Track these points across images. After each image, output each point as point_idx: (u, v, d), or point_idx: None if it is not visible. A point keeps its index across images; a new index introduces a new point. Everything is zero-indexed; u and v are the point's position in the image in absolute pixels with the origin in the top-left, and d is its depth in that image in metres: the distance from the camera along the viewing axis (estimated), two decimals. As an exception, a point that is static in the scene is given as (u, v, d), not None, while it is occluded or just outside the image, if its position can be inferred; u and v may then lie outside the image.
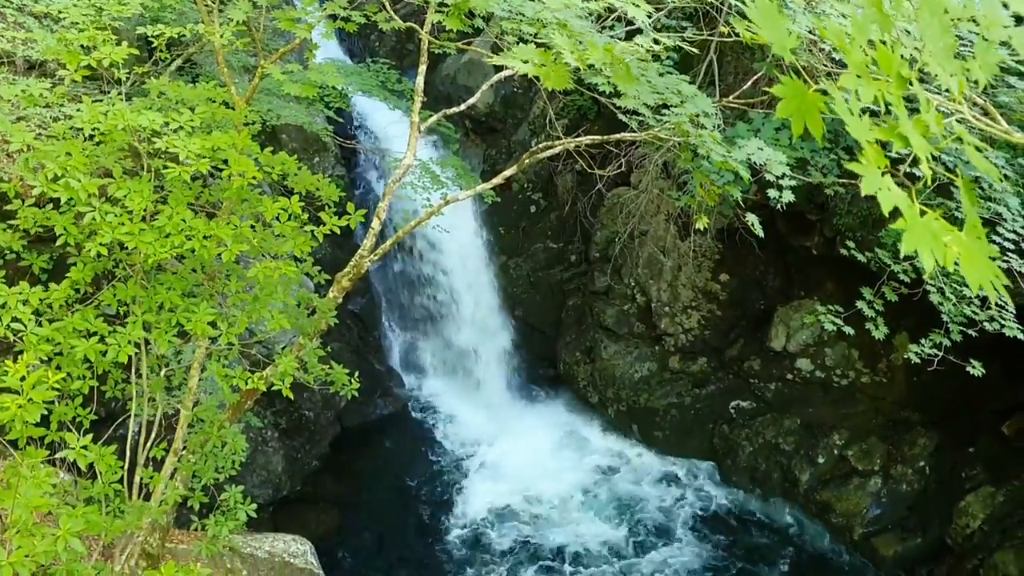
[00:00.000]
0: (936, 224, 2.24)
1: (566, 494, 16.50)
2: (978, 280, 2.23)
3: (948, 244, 2.22)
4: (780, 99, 2.41)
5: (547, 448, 17.45)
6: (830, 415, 16.71)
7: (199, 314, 6.13)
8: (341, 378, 7.45)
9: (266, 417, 15.18)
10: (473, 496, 16.39)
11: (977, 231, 2.30)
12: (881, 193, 2.26)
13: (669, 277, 17.78)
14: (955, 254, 2.21)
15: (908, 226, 2.24)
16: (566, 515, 16.06)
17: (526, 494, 16.42)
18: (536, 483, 16.63)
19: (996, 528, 14.31)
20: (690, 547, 15.45)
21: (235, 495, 7.14)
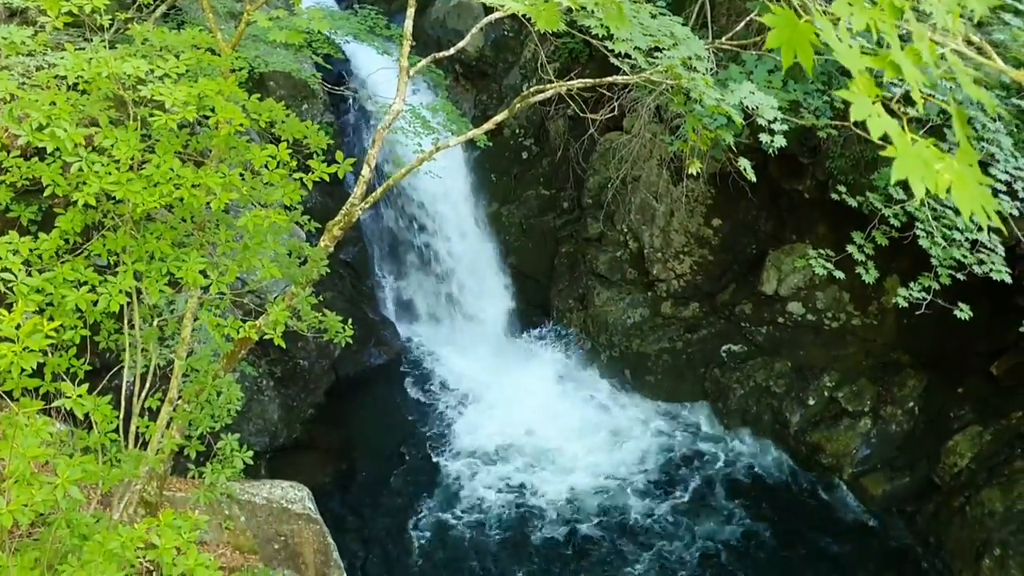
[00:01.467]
0: (927, 151, 2.21)
1: (560, 437, 16.67)
2: (970, 206, 2.21)
3: (939, 171, 2.18)
4: (772, 35, 2.37)
5: (540, 394, 17.57)
6: (821, 357, 16.85)
7: (190, 263, 6.11)
8: (335, 326, 7.47)
9: (261, 366, 15.24)
10: (468, 440, 16.54)
11: (969, 158, 2.27)
12: (871, 120, 2.23)
13: (661, 223, 17.77)
14: (947, 181, 2.18)
15: (899, 153, 2.20)
16: (560, 457, 16.25)
17: (520, 439, 16.58)
18: (530, 428, 16.78)
19: (983, 467, 14.54)
20: (681, 488, 15.66)
21: (231, 443, 7.19)
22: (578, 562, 14.13)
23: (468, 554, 14.20)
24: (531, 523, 14.84)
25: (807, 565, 14.19)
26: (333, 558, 11.06)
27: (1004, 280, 9.38)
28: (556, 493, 15.49)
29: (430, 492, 15.39)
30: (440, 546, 14.30)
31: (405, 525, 14.65)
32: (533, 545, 14.42)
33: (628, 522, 14.93)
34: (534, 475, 15.87)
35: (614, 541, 14.55)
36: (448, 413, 17.21)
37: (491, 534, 14.61)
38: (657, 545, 14.51)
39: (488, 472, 15.85)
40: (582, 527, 14.78)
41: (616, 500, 15.38)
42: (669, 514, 15.13)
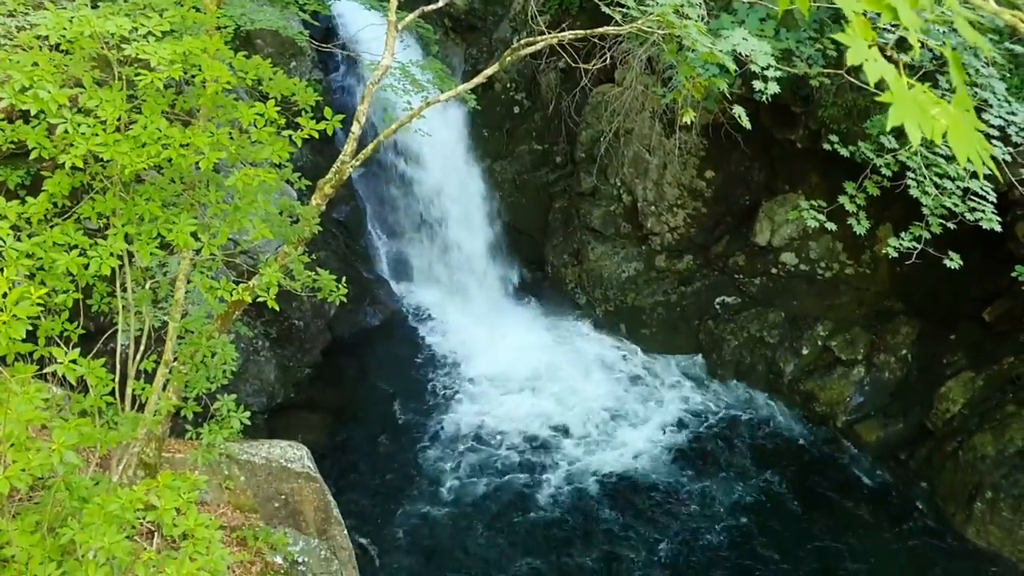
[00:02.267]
0: (923, 97, 2.18)
1: (556, 391, 16.77)
2: (966, 152, 2.19)
3: (935, 117, 2.16)
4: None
5: (536, 349, 17.64)
6: (814, 307, 16.91)
7: (180, 225, 6.06)
8: (329, 284, 7.44)
9: (256, 327, 15.23)
10: (466, 395, 16.63)
11: (965, 103, 2.24)
12: (868, 64, 2.20)
13: (655, 176, 17.69)
14: (943, 127, 2.15)
15: (895, 98, 2.18)
16: (556, 410, 16.36)
17: (518, 391, 16.68)
18: (527, 381, 16.88)
19: (975, 412, 14.67)
20: (675, 437, 15.80)
21: (228, 403, 7.21)
22: (584, 515, 14.27)
23: (468, 506, 14.34)
24: (529, 476, 14.97)
25: (801, 511, 14.36)
26: (333, 515, 11.15)
27: (994, 229, 9.38)
28: (555, 446, 15.61)
29: (429, 448, 15.50)
30: (440, 499, 14.43)
31: (404, 481, 14.77)
32: (531, 497, 14.56)
33: (622, 472, 15.07)
34: (531, 430, 15.97)
35: (614, 494, 14.70)
36: (445, 370, 17.28)
37: (490, 485, 14.73)
38: (652, 491, 14.66)
39: (487, 427, 15.95)
40: (583, 477, 14.91)
41: (613, 452, 15.51)
42: (663, 463, 15.27)
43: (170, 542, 7.75)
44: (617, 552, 13.60)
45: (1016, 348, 14.03)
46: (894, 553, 13.69)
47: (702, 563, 13.47)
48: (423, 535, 13.79)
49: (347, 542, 11.03)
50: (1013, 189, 11.33)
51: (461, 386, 16.88)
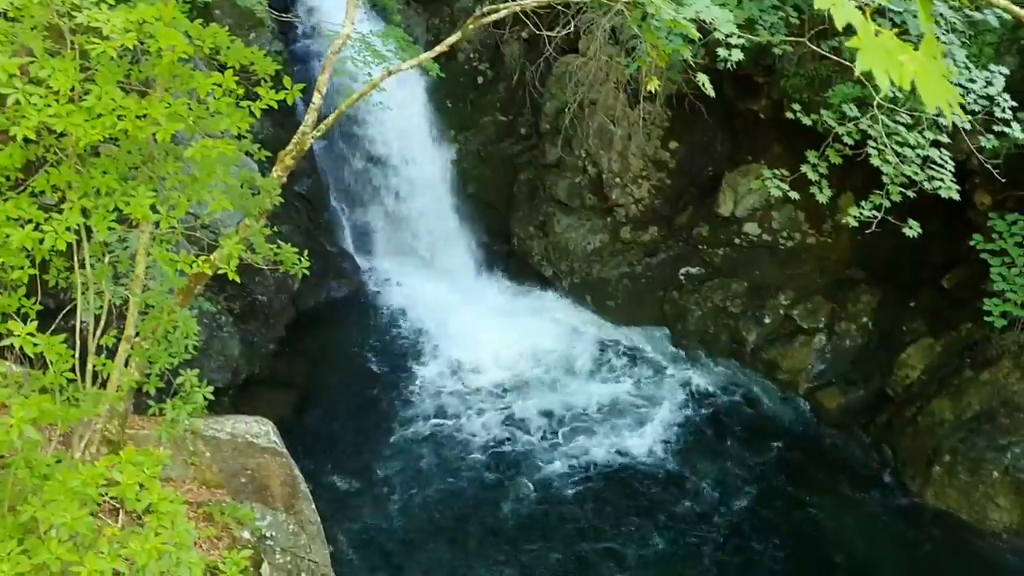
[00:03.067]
0: (891, 43, 2.16)
1: (522, 362, 16.82)
2: (934, 99, 2.17)
3: (904, 63, 2.14)
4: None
5: (502, 321, 17.64)
6: (776, 276, 17.09)
7: (138, 198, 5.95)
8: (290, 257, 7.35)
9: (219, 302, 15.08)
10: (432, 369, 16.62)
11: (933, 50, 2.22)
12: (836, 8, 2.18)
13: (619, 147, 17.69)
14: (911, 73, 2.13)
15: (862, 45, 2.15)
16: (525, 381, 16.43)
17: (484, 365, 16.69)
18: (493, 355, 16.88)
19: (934, 377, 14.95)
20: (642, 407, 15.93)
21: (191, 378, 7.13)
22: (549, 485, 14.37)
23: (435, 479, 14.38)
24: (498, 445, 15.03)
25: (763, 478, 14.58)
26: (300, 489, 11.12)
27: (952, 197, 9.51)
28: (523, 416, 15.68)
29: (395, 421, 15.49)
30: (409, 473, 14.45)
31: (371, 455, 14.76)
32: (499, 465, 14.63)
33: (589, 444, 15.19)
34: (499, 400, 16.03)
35: (580, 465, 14.81)
36: (411, 343, 17.24)
37: (458, 459, 14.78)
38: (616, 458, 14.80)
39: (453, 399, 15.97)
40: (550, 450, 15.00)
41: (579, 423, 15.61)
42: (627, 432, 15.40)
43: (135, 519, 7.68)
44: (577, 514, 13.75)
45: (974, 314, 14.28)
46: (855, 517, 13.96)
47: (658, 525, 13.66)
48: (392, 508, 13.82)
49: (315, 516, 11.01)
50: (971, 158, 11.48)
51: (427, 358, 16.86)
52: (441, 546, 13.26)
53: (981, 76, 9.91)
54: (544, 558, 13.11)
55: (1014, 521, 13.45)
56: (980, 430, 13.91)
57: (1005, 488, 13.46)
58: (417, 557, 13.05)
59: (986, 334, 14.20)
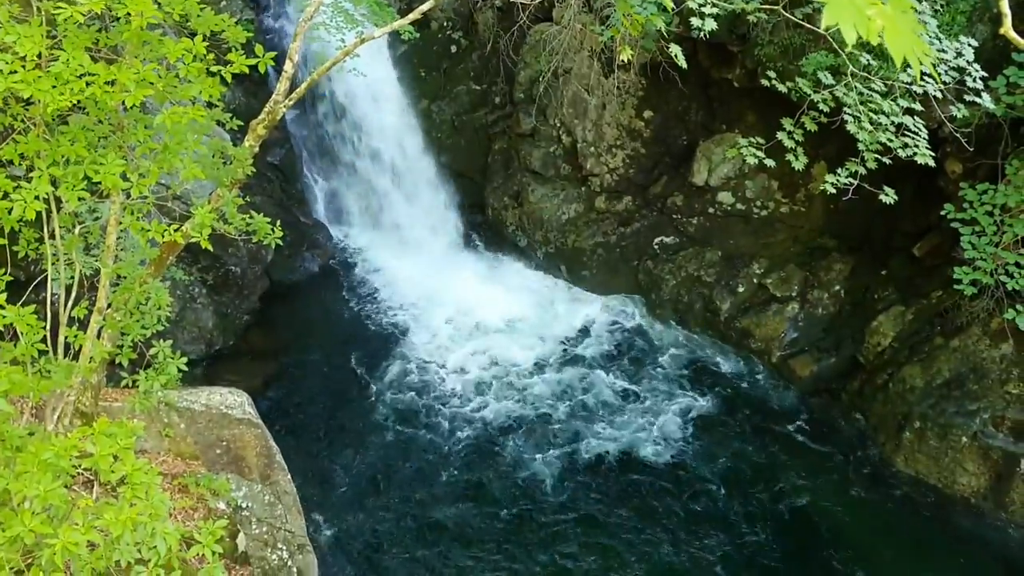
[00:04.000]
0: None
1: (495, 331, 16.85)
2: (902, 52, 2.15)
3: (872, 17, 2.10)
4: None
5: (477, 292, 17.63)
6: (750, 246, 17.18)
7: (108, 166, 5.87)
8: (263, 228, 7.29)
9: (192, 273, 14.96)
10: (406, 338, 16.61)
11: (903, 3, 2.20)
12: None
13: (594, 116, 17.64)
14: (879, 27, 2.10)
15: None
16: (498, 350, 16.46)
17: (458, 332, 16.70)
18: (467, 326, 16.89)
19: (905, 344, 15.13)
20: (614, 376, 16.03)
21: (163, 349, 7.08)
22: (519, 448, 14.45)
23: (409, 449, 14.42)
24: (471, 413, 15.08)
25: (736, 445, 14.73)
26: (276, 460, 11.12)
27: (928, 163, 9.57)
28: (498, 386, 15.73)
29: (372, 391, 15.49)
30: (383, 442, 14.48)
31: (347, 426, 14.77)
32: (473, 434, 14.69)
33: (563, 410, 15.27)
34: (472, 369, 16.05)
35: (554, 424, 14.90)
36: (385, 314, 17.20)
37: (432, 429, 14.82)
38: (592, 424, 14.90)
39: (427, 371, 15.98)
40: (521, 414, 15.07)
41: (551, 392, 15.69)
42: (601, 401, 15.50)
43: (109, 490, 7.65)
44: (545, 474, 13.87)
45: (944, 282, 14.43)
46: (826, 483, 14.15)
47: (637, 491, 13.80)
48: (367, 478, 13.85)
49: (291, 487, 11.02)
50: (943, 127, 11.56)
51: (402, 330, 16.84)
52: (416, 514, 13.31)
53: (952, 47, 9.95)
54: (520, 519, 13.22)
55: (982, 486, 13.71)
56: (949, 396, 14.12)
57: (973, 453, 13.70)
58: (393, 525, 13.11)
59: (956, 302, 14.37)
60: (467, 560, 12.66)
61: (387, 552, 12.71)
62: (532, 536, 13.10)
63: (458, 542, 12.97)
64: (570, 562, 12.69)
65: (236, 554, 9.16)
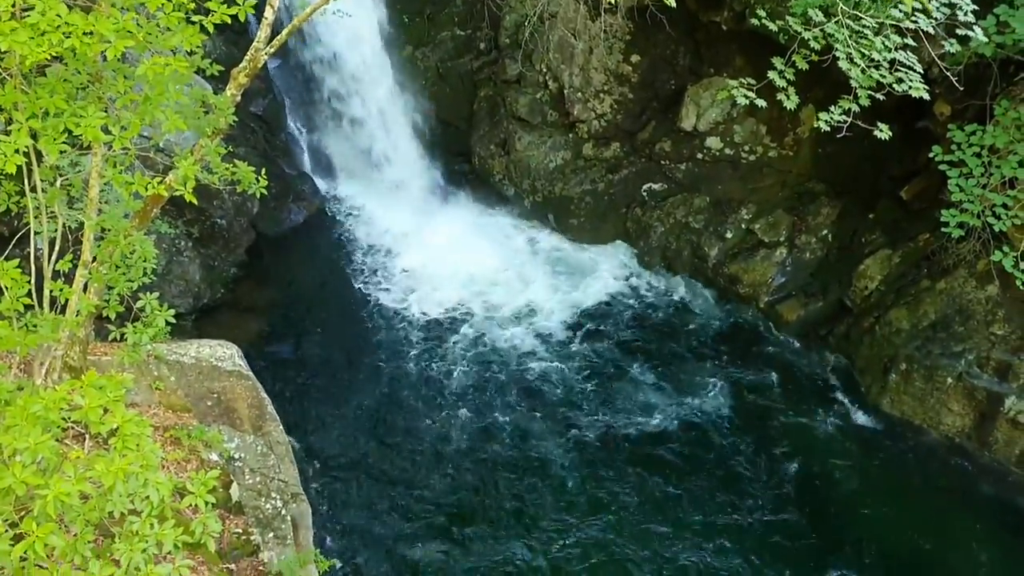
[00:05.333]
0: None
1: (484, 279, 16.87)
2: None
3: None
4: None
5: (464, 240, 17.59)
6: (738, 191, 17.16)
7: (88, 119, 5.77)
8: (248, 176, 7.22)
9: (177, 226, 14.84)
10: (395, 288, 16.60)
11: None
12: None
13: (581, 61, 17.44)
14: None
15: None
16: (486, 299, 16.49)
17: (447, 282, 16.70)
18: (457, 271, 16.88)
19: (891, 288, 15.22)
20: (603, 323, 16.09)
21: (150, 301, 7.04)
22: (511, 394, 14.55)
23: (399, 399, 14.49)
24: (462, 361, 15.14)
25: (722, 388, 14.86)
26: (268, 411, 11.17)
27: (923, 97, 9.49)
28: (487, 336, 15.78)
29: (362, 341, 15.51)
30: (374, 391, 14.54)
31: (338, 374, 14.81)
32: (464, 380, 14.77)
33: (551, 351, 15.36)
34: (461, 317, 16.08)
35: (541, 368, 15.00)
36: (374, 263, 17.16)
37: (422, 371, 14.88)
38: (579, 372, 15.00)
39: (415, 322, 15.99)
40: (511, 362, 15.15)
41: (538, 341, 15.76)
42: (588, 346, 15.58)
43: (101, 444, 7.67)
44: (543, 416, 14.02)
45: (931, 225, 14.48)
46: (812, 425, 14.33)
47: (621, 436, 13.98)
48: (359, 428, 13.93)
49: (283, 437, 11.08)
50: (932, 67, 11.48)
51: (390, 279, 16.81)
52: (409, 462, 13.43)
53: (942, -18, 9.84)
54: (509, 463, 13.37)
55: (966, 425, 13.91)
56: (935, 338, 14.25)
57: (958, 394, 13.88)
58: (384, 473, 13.22)
59: (943, 244, 14.43)
60: (459, 505, 12.81)
61: (381, 500, 12.84)
62: (519, 476, 13.27)
63: (449, 487, 13.11)
64: (561, 494, 12.90)
65: (230, 504, 9.23)
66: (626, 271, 17.33)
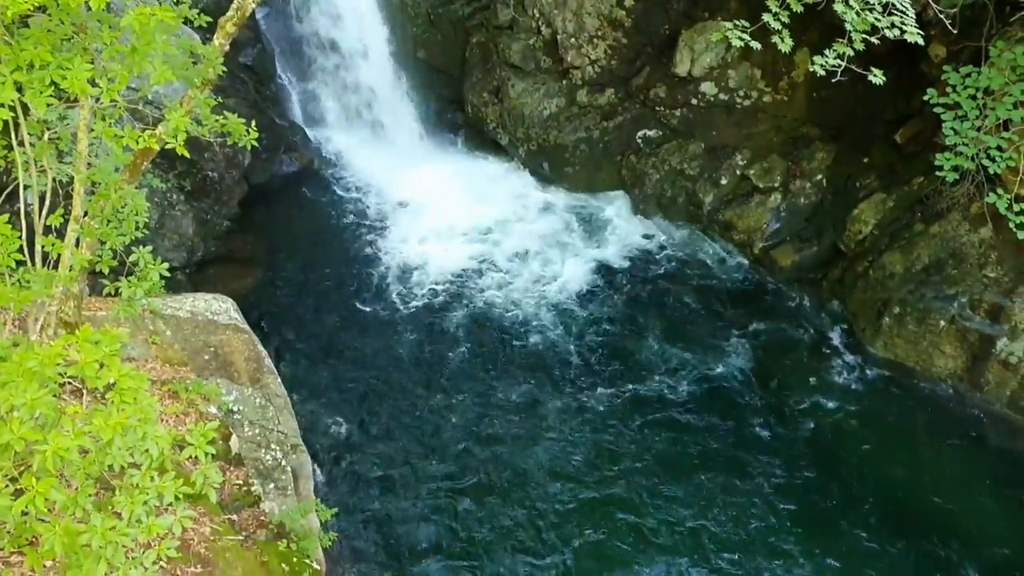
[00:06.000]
0: None
1: (480, 231, 16.82)
2: None
3: None
4: None
5: (460, 191, 17.52)
6: (733, 137, 17.06)
7: (75, 71, 5.69)
8: (238, 128, 7.15)
9: (169, 180, 14.76)
10: (390, 239, 16.55)
11: None
12: None
13: (574, 6, 17.21)
14: None
15: None
16: (481, 247, 16.48)
17: (441, 232, 16.66)
18: (452, 223, 16.83)
19: (885, 232, 15.23)
20: (599, 272, 16.11)
21: (143, 255, 7.02)
22: (504, 345, 14.62)
23: (399, 343, 14.54)
24: (457, 310, 15.18)
25: (718, 334, 14.94)
26: (265, 364, 11.22)
27: (917, 42, 9.40)
28: (481, 280, 15.80)
29: (357, 291, 15.51)
30: (371, 340, 14.58)
31: (334, 325, 14.84)
32: (459, 330, 14.81)
33: (549, 303, 15.39)
34: (455, 267, 16.07)
35: (539, 321, 15.04)
36: (367, 214, 17.09)
37: (418, 324, 14.92)
38: (574, 321, 15.06)
39: (412, 268, 15.98)
40: (508, 310, 15.18)
41: (536, 284, 15.78)
42: (584, 295, 15.63)
43: (99, 399, 7.71)
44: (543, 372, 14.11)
45: (925, 168, 14.44)
46: (806, 369, 14.43)
47: (618, 382, 14.07)
48: (356, 377, 13.99)
49: (281, 389, 11.14)
50: (927, 9, 11.35)
51: (384, 230, 16.76)
52: (409, 409, 13.52)
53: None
54: (509, 406, 13.48)
55: (959, 367, 14.02)
56: (928, 282, 14.29)
57: (951, 336, 13.97)
58: (386, 421, 13.32)
59: (937, 188, 14.40)
60: (460, 460, 12.87)
61: (381, 447, 12.94)
62: (519, 420, 13.36)
63: (449, 428, 13.21)
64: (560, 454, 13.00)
65: (230, 456, 9.31)
66: (621, 220, 17.29)
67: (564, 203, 17.67)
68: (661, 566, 11.52)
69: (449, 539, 11.77)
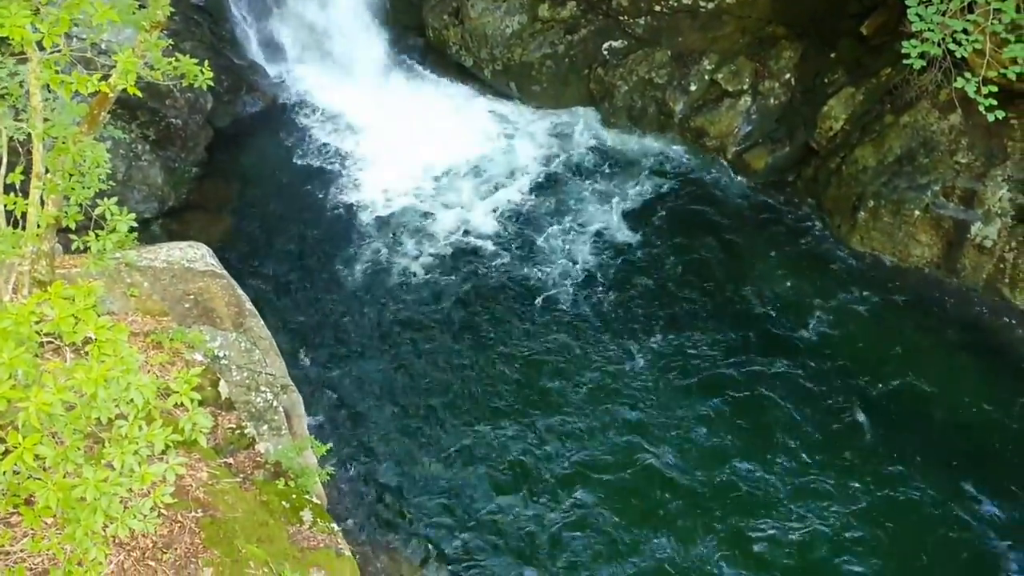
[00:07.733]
0: None
1: (451, 156, 16.66)
2: None
3: None
4: None
5: (427, 118, 17.26)
6: (699, 42, 16.84)
7: (13, 18, 5.49)
8: (191, 69, 6.97)
9: (131, 130, 14.51)
10: (358, 172, 16.37)
11: None
12: None
13: (529, -86, 16.80)
14: None
15: None
16: (458, 181, 16.33)
17: (414, 166, 16.48)
18: (422, 154, 16.63)
19: (856, 126, 15.20)
20: (578, 190, 16.05)
21: (109, 207, 6.91)
22: (483, 276, 14.63)
23: (375, 277, 14.52)
24: (433, 243, 15.14)
25: (696, 241, 14.99)
26: (247, 308, 11.19)
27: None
28: (452, 207, 15.75)
29: (331, 228, 15.42)
30: (348, 279, 14.55)
31: (311, 265, 14.78)
32: (436, 265, 14.81)
33: (527, 228, 15.37)
34: (428, 195, 15.97)
35: (522, 246, 15.04)
36: (336, 149, 16.86)
37: (395, 258, 14.89)
38: (552, 239, 15.07)
39: (382, 199, 15.86)
40: (484, 243, 15.16)
41: (514, 210, 15.72)
42: (567, 210, 15.61)
43: (81, 355, 7.69)
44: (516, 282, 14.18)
45: (892, 59, 14.33)
46: (785, 268, 14.55)
47: (592, 283, 14.17)
48: (336, 315, 14.01)
49: (265, 332, 11.14)
50: None
51: (353, 163, 16.56)
52: (392, 344, 13.58)
53: None
54: (473, 330, 13.58)
55: (935, 255, 14.16)
56: (901, 172, 14.33)
57: (926, 225, 14.07)
58: (372, 358, 13.39)
59: (905, 77, 14.33)
60: (445, 384, 13.01)
61: (370, 384, 13.03)
62: (502, 349, 13.47)
63: (432, 364, 13.30)
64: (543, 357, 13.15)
65: (220, 401, 9.35)
66: (591, 134, 17.16)
67: (533, 122, 17.47)
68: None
69: (443, 466, 12.00)
